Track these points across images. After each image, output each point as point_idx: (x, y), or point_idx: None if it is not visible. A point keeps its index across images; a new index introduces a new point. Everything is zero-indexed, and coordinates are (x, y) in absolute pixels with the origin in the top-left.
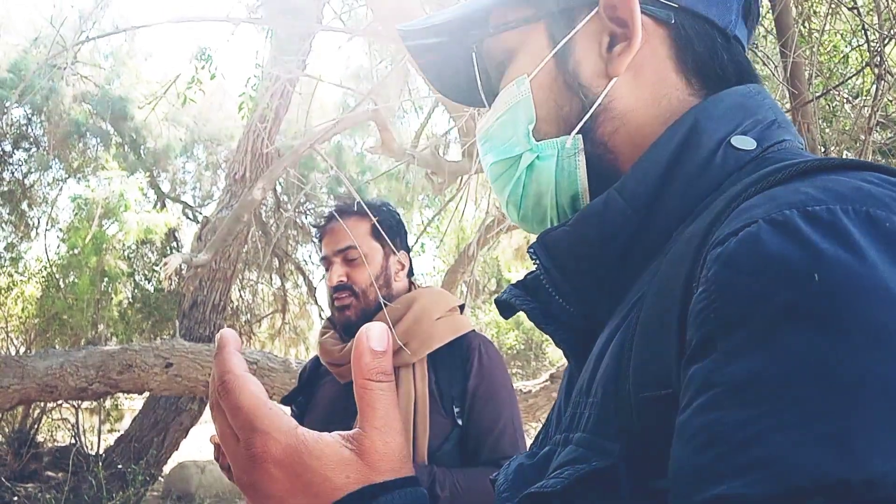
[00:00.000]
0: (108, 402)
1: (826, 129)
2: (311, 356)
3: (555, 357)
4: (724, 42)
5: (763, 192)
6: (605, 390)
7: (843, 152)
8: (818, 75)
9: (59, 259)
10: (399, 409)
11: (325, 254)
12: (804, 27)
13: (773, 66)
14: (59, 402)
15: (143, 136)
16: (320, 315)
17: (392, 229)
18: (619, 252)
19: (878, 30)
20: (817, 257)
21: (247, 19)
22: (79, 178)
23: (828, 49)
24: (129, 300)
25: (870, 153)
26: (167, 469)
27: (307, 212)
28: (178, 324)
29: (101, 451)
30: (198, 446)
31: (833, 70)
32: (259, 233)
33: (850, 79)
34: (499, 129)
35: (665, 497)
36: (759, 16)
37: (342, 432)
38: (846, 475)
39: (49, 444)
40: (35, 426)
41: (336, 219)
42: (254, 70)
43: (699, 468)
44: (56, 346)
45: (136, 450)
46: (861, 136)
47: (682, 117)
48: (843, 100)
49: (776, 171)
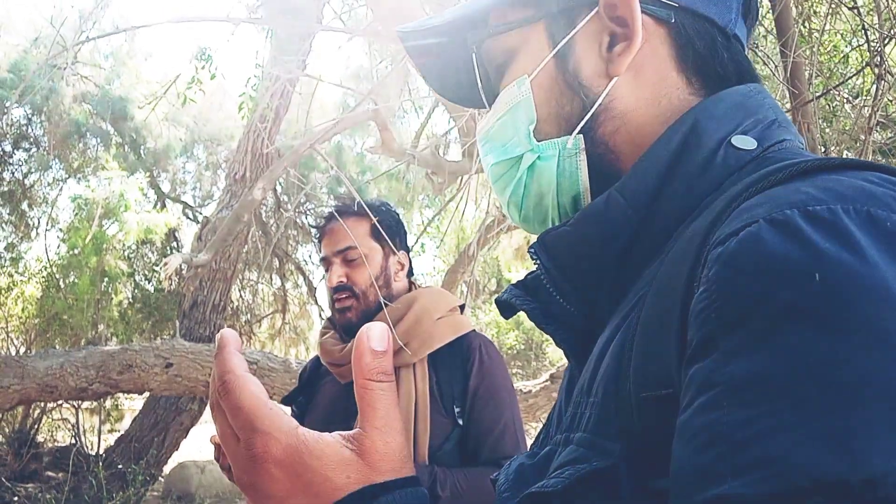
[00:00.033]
0: (108, 403)
1: (826, 129)
2: (311, 356)
3: (555, 357)
4: (725, 41)
5: (764, 192)
6: (605, 390)
7: (844, 152)
8: (818, 75)
9: (59, 259)
10: (400, 409)
11: (324, 254)
12: (804, 27)
13: (774, 66)
14: (60, 403)
15: (144, 136)
16: (320, 315)
17: (392, 229)
18: (619, 252)
19: (878, 30)
20: (818, 257)
21: (247, 19)
22: (79, 179)
23: (828, 49)
24: (130, 300)
25: (870, 153)
26: (167, 469)
27: (307, 212)
28: (178, 324)
29: (101, 451)
30: (198, 446)
31: (833, 70)
32: (259, 233)
33: (850, 79)
34: (499, 130)
35: (666, 497)
36: (759, 15)
37: (343, 432)
38: (846, 475)
39: (49, 445)
40: (35, 426)
41: (336, 219)
42: (254, 70)
43: (700, 468)
44: (56, 347)
45: (136, 450)
46: (861, 135)
47: (682, 117)
48: (844, 100)
49: (777, 170)
